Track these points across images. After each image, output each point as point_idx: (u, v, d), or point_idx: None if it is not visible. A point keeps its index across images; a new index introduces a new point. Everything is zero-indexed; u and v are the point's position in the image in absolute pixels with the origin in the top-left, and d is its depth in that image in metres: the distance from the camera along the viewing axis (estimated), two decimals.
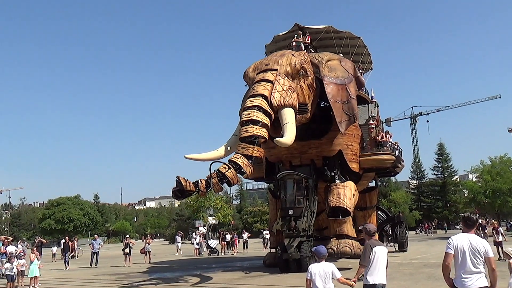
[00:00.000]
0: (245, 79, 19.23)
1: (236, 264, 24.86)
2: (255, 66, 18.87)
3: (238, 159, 15.80)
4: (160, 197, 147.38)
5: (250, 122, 16.40)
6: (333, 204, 18.96)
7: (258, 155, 16.35)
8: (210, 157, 16.77)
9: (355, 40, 24.08)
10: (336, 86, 18.89)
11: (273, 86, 17.30)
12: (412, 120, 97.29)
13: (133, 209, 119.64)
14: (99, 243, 27.33)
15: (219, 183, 15.65)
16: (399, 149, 24.19)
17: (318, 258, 6.80)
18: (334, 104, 18.49)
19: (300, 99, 17.93)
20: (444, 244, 6.21)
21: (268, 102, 16.88)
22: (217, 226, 62.83)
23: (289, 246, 17.80)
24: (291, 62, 18.13)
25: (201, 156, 17.04)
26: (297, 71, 18.04)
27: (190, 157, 16.79)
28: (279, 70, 17.74)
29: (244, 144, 16.11)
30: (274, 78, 17.49)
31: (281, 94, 17.15)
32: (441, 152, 74.79)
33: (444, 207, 72.87)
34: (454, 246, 5.80)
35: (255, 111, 16.54)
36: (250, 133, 16.19)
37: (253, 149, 16.03)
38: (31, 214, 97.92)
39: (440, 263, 6.15)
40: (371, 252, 6.78)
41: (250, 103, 16.93)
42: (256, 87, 17.48)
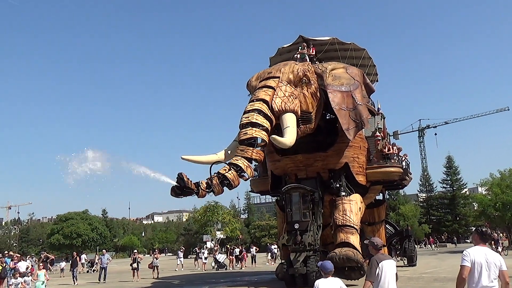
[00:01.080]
0: (248, 88, 19.13)
1: (244, 278, 24.71)
2: (258, 75, 18.83)
3: (238, 160, 15.55)
4: (168, 212, 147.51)
5: (250, 124, 16.16)
6: (340, 222, 18.57)
7: (258, 157, 16.08)
8: (208, 160, 16.48)
9: (360, 52, 24.00)
10: (340, 93, 18.61)
11: (275, 92, 17.15)
12: (420, 133, 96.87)
13: (141, 224, 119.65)
14: (107, 258, 27.32)
15: (220, 185, 15.30)
16: (407, 161, 23.86)
17: (324, 274, 6.63)
18: (339, 112, 18.21)
19: (303, 106, 17.71)
20: (454, 258, 6.17)
21: (269, 107, 16.68)
22: (225, 240, 62.68)
23: (295, 261, 17.49)
24: (294, 69, 18.04)
25: (198, 158, 16.79)
26: (299, 79, 17.88)
27: (186, 158, 16.50)
28: (281, 78, 17.62)
29: (243, 146, 15.88)
30: (276, 84, 17.37)
31: (282, 99, 16.98)
32: (450, 165, 74.45)
33: (453, 221, 72.29)
34: (471, 259, 5.67)
35: (255, 114, 16.34)
36: (249, 135, 15.96)
37: (252, 151, 15.80)
38: (40, 229, 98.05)
39: (451, 277, 6.10)
40: (377, 267, 6.55)
41: (250, 107, 16.74)
42: (257, 92, 17.38)
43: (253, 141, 15.92)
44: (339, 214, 18.79)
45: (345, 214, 18.64)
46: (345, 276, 16.61)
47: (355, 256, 17.07)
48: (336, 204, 19.18)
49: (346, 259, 16.96)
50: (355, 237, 18.13)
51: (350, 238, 18.01)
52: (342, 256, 16.96)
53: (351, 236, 18.11)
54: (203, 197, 15.46)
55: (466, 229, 71.86)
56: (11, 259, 22.68)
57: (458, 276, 5.72)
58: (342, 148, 19.52)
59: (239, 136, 16.35)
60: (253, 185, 24.08)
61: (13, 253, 25.68)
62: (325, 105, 19.15)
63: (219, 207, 65.76)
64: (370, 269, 6.71)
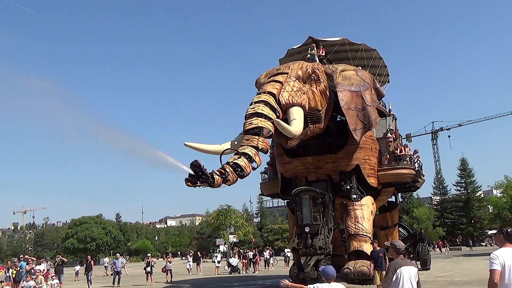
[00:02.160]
0: (257, 85, 18.90)
1: (258, 282, 24.74)
2: (267, 72, 18.67)
3: (246, 149, 15.19)
4: (181, 216, 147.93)
5: (255, 115, 15.87)
6: (353, 231, 18.52)
7: (264, 146, 15.65)
8: (212, 149, 16.25)
9: (370, 52, 23.78)
10: (350, 93, 18.47)
11: (283, 86, 16.93)
12: (433, 135, 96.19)
13: (154, 228, 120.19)
14: (121, 262, 27.47)
15: (234, 172, 14.91)
16: (419, 162, 23.52)
17: (326, 280, 6.19)
18: (347, 112, 18.03)
19: (312, 103, 17.42)
20: (469, 261, 6.12)
21: (276, 100, 16.43)
22: (238, 244, 62.73)
23: (306, 264, 17.26)
24: (303, 66, 17.93)
25: (202, 146, 16.34)
26: (308, 75, 17.68)
27: (190, 145, 16.01)
28: (290, 74, 17.45)
29: (249, 136, 15.56)
30: (284, 79, 17.18)
31: (290, 93, 16.77)
32: (464, 168, 73.80)
33: (468, 224, 71.59)
34: (501, 262, 5.22)
35: (261, 105, 16.06)
36: (254, 125, 15.64)
37: (258, 139, 15.46)
38: (54, 233, 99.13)
39: (466, 280, 6.07)
40: (395, 273, 6.16)
41: (256, 99, 16.50)
42: (264, 86, 17.20)
43: (258, 130, 15.56)
44: (351, 222, 18.69)
45: (357, 222, 18.55)
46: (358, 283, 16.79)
47: (370, 271, 17.06)
48: (348, 210, 19.04)
49: (361, 275, 17.25)
50: (368, 245, 18.04)
51: (363, 246, 17.98)
52: (357, 272, 17.17)
53: (365, 244, 18.06)
54: (218, 186, 14.88)
55: (481, 232, 71.17)
56: (26, 262, 22.97)
57: (489, 282, 5.26)
58: (353, 150, 19.33)
59: (244, 126, 16.03)
60: (263, 188, 23.99)
61: (29, 257, 25.98)
62: (335, 107, 18.95)
63: (232, 210, 65.85)
64: (386, 275, 6.42)
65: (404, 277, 6.13)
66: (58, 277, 23.27)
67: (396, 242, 6.67)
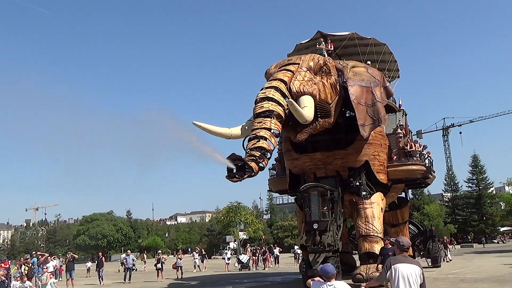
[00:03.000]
0: (267, 76, 18.49)
1: (268, 279, 24.74)
2: (277, 63, 18.43)
3: (261, 132, 14.99)
4: (191, 213, 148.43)
5: (266, 99, 15.62)
6: (364, 232, 18.38)
7: (276, 128, 15.41)
8: (219, 132, 16.13)
9: (380, 47, 23.44)
10: (360, 87, 18.26)
11: (294, 75, 16.69)
12: (444, 131, 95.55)
13: (164, 225, 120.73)
14: (132, 259, 27.63)
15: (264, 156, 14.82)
16: (430, 159, 23.18)
17: (326, 279, 5.97)
18: (357, 106, 17.77)
19: (322, 95, 17.08)
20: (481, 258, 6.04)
21: (287, 87, 16.17)
22: (248, 241, 62.88)
23: (314, 262, 16.88)
24: (314, 58, 17.77)
25: (210, 127, 16.10)
26: (320, 67, 17.45)
27: (198, 124, 15.80)
28: (301, 64, 17.20)
29: (260, 118, 15.31)
30: (295, 69, 16.95)
31: (301, 82, 16.52)
32: (475, 164, 73.22)
33: (480, 220, 71.09)
34: None
35: (272, 90, 15.84)
36: (265, 108, 15.39)
37: (270, 121, 15.24)
38: (66, 230, 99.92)
39: (478, 278, 6.00)
40: (389, 269, 5.83)
41: (268, 85, 16.27)
42: (275, 74, 16.97)
43: (269, 113, 15.34)
44: (362, 222, 18.53)
45: (368, 222, 18.39)
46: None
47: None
48: (358, 209, 18.87)
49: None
50: (379, 246, 17.78)
51: (374, 248, 17.80)
52: (369, 278, 16.64)
53: (376, 245, 17.85)
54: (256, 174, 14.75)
55: (493, 229, 70.58)
56: (37, 259, 23.18)
57: None
58: (362, 146, 19.03)
59: (254, 110, 15.77)
60: (271, 184, 23.79)
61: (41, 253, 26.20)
62: (345, 102, 18.72)
63: (242, 207, 66.04)
64: (382, 270, 6.11)
65: (400, 275, 5.73)
66: (69, 274, 23.47)
67: (401, 239, 6.26)
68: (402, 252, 6.01)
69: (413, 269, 5.77)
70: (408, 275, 5.68)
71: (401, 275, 5.69)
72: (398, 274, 5.71)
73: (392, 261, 5.88)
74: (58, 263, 26.81)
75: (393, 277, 5.74)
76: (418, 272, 5.77)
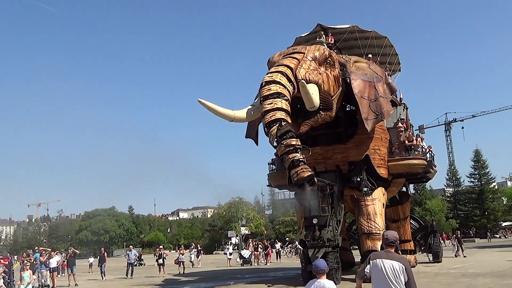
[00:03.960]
0: (269, 64, 18.19)
1: (269, 274, 24.77)
2: (281, 52, 18.22)
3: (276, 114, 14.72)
4: (193, 208, 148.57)
5: (273, 82, 15.45)
6: (366, 230, 18.35)
7: (287, 107, 15.21)
8: (223, 112, 15.98)
9: (381, 40, 23.13)
10: (363, 82, 18.15)
11: (299, 63, 16.52)
12: (446, 126, 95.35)
13: (166, 220, 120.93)
14: (134, 254, 27.66)
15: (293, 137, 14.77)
16: (431, 153, 22.92)
17: (316, 274, 5.88)
18: (360, 100, 17.64)
19: (325, 87, 16.86)
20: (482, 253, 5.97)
21: (293, 74, 15.98)
22: (250, 236, 63.02)
23: (314, 257, 16.71)
24: (320, 48, 17.65)
25: (215, 106, 15.97)
26: (325, 58, 17.32)
27: (203, 102, 15.77)
28: (307, 53, 17.06)
29: (270, 100, 15.04)
30: (301, 58, 16.81)
31: (306, 71, 16.38)
32: (478, 159, 73.12)
33: (482, 215, 71.05)
34: None
35: (279, 75, 15.66)
36: (273, 90, 15.19)
37: (281, 101, 15.06)
38: (68, 226, 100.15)
39: (479, 272, 5.93)
40: (369, 264, 5.52)
41: (274, 69, 16.09)
42: (282, 60, 16.79)
43: (278, 95, 15.14)
44: (364, 219, 18.48)
45: (370, 219, 18.34)
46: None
47: None
48: (360, 205, 18.80)
49: None
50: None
51: (377, 245, 17.68)
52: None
53: (378, 242, 17.70)
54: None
55: (495, 224, 70.58)
56: (40, 254, 23.25)
57: None
58: (362, 140, 18.91)
59: (261, 92, 15.51)
60: (270, 179, 23.59)
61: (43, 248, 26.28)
62: (345, 96, 18.62)
63: (244, 203, 66.11)
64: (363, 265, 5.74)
65: (378, 270, 5.35)
66: (71, 269, 23.53)
67: (386, 232, 5.81)
68: (387, 247, 5.62)
69: (394, 265, 5.31)
70: (388, 271, 5.28)
71: (379, 271, 5.34)
72: (376, 270, 5.38)
73: (372, 256, 5.57)
74: (60, 258, 26.84)
75: (372, 273, 5.45)
76: (400, 268, 5.30)
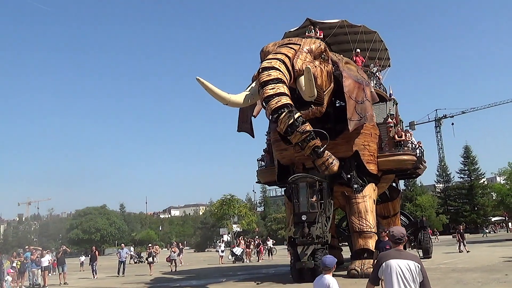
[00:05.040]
0: (263, 54, 17.91)
1: (261, 271, 24.84)
2: (275, 42, 18.06)
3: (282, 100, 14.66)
4: (185, 206, 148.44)
5: (272, 68, 15.30)
6: (357, 228, 18.27)
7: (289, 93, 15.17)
8: (218, 94, 15.67)
9: (370, 35, 23.04)
10: (354, 82, 18.13)
11: (296, 53, 16.44)
12: (436, 123, 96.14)
13: (158, 218, 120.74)
14: (125, 252, 27.60)
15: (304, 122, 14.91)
16: (421, 149, 22.81)
17: (323, 270, 5.71)
18: (348, 100, 17.62)
19: (318, 81, 16.73)
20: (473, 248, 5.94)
21: (290, 63, 15.90)
22: (242, 233, 63.05)
23: (303, 254, 16.54)
24: (316, 42, 17.61)
25: (211, 86, 15.65)
26: (320, 52, 17.30)
27: (202, 81, 15.50)
28: (303, 45, 16.99)
29: (272, 85, 14.85)
30: (298, 48, 16.74)
31: (303, 61, 16.30)
32: (467, 155, 73.72)
33: (471, 211, 71.69)
34: None
35: (278, 62, 15.55)
36: (273, 76, 15.02)
37: (283, 86, 14.98)
38: (59, 224, 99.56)
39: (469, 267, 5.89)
40: (380, 267, 4.96)
41: (273, 56, 15.97)
42: (279, 49, 16.67)
43: (278, 81, 15.03)
44: (355, 217, 18.36)
45: (361, 217, 18.22)
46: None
47: None
48: (351, 203, 18.70)
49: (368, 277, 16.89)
50: (373, 241, 17.62)
51: (369, 243, 17.74)
52: (364, 274, 16.64)
53: (370, 240, 17.73)
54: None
55: (485, 219, 71.23)
56: (31, 253, 23.12)
57: None
58: (352, 136, 18.69)
59: (260, 77, 15.25)
60: (259, 176, 23.43)
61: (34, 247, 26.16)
62: (335, 92, 18.63)
63: (235, 200, 66.08)
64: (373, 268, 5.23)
65: (392, 272, 4.80)
66: (61, 267, 23.41)
67: (393, 229, 5.32)
68: (395, 245, 5.13)
69: (409, 265, 4.83)
70: (403, 272, 4.78)
71: (394, 273, 4.79)
72: (390, 272, 4.81)
73: (383, 258, 5.00)
74: (51, 257, 26.74)
75: (385, 276, 4.87)
76: (416, 268, 4.84)
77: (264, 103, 15.21)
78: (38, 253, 22.90)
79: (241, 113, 20.52)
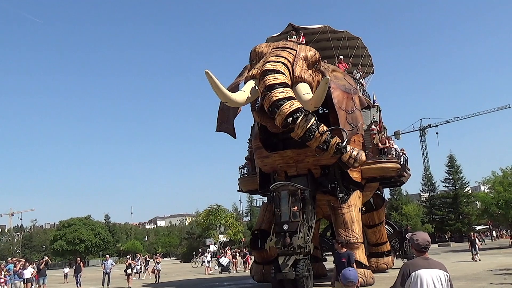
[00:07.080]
0: (253, 54, 17.74)
1: (248, 281, 24.65)
2: (269, 43, 17.92)
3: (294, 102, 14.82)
4: (171, 216, 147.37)
5: (278, 72, 15.39)
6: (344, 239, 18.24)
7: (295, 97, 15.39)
8: (222, 91, 15.51)
9: (354, 41, 22.93)
10: (342, 92, 18.06)
11: (295, 59, 16.44)
12: (421, 132, 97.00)
13: (143, 229, 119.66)
14: (110, 263, 27.30)
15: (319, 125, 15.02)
16: (405, 156, 22.65)
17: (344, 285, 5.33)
18: (339, 111, 17.41)
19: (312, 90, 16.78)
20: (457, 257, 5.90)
21: (291, 68, 15.96)
22: (228, 243, 62.71)
23: (284, 265, 15.96)
24: (311, 50, 17.54)
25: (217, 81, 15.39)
26: (314, 61, 17.30)
27: (210, 74, 15.12)
28: (299, 52, 16.91)
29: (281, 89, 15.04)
30: (295, 54, 16.71)
31: (301, 68, 16.38)
32: (452, 164, 74.28)
33: (456, 219, 72.15)
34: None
35: (282, 66, 15.61)
36: (281, 80, 15.12)
37: (291, 91, 15.11)
38: (43, 235, 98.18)
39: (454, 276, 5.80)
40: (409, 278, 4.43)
41: (276, 59, 15.99)
42: (278, 52, 16.58)
43: (285, 85, 15.13)
44: (341, 229, 17.98)
45: (348, 228, 17.87)
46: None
47: (365, 282, 16.81)
48: (336, 214, 18.35)
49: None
50: (360, 251, 17.56)
51: (357, 255, 17.14)
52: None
53: (357, 251, 17.30)
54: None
55: (469, 227, 71.74)
56: (13, 265, 22.74)
57: None
58: None
59: (266, 80, 15.24)
60: (241, 184, 23.08)
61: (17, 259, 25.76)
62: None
63: (222, 210, 65.76)
64: (397, 278, 4.63)
65: (425, 283, 4.36)
66: (42, 279, 23.02)
67: (417, 237, 4.66)
68: (420, 254, 4.60)
69: (440, 276, 4.47)
70: (436, 283, 4.40)
71: (424, 285, 4.37)
72: (420, 284, 4.38)
73: (411, 267, 4.50)
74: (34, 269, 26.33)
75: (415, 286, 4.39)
76: (446, 278, 4.52)
77: (272, 106, 15.06)
78: (21, 265, 22.53)
79: (221, 113, 20.17)
